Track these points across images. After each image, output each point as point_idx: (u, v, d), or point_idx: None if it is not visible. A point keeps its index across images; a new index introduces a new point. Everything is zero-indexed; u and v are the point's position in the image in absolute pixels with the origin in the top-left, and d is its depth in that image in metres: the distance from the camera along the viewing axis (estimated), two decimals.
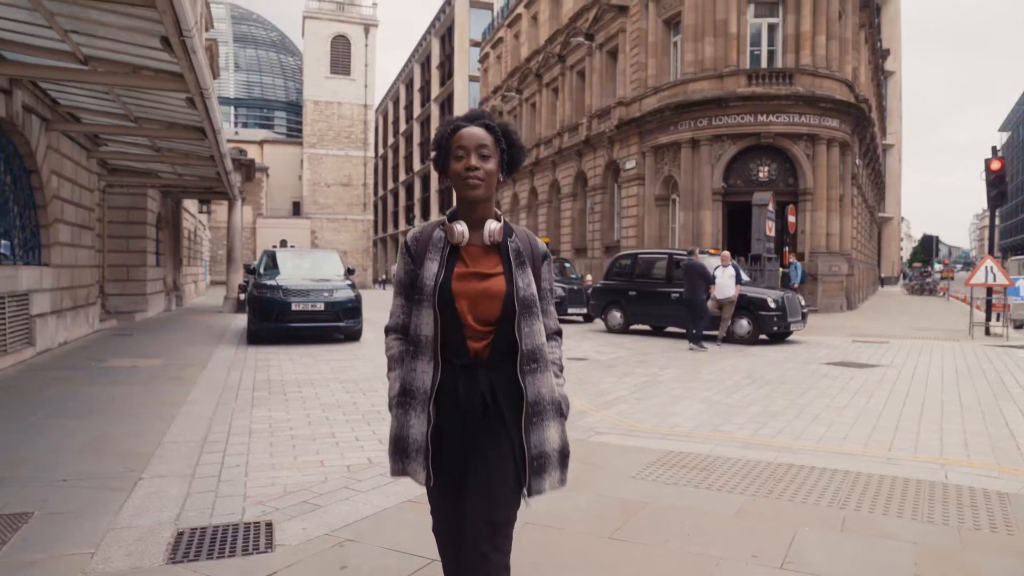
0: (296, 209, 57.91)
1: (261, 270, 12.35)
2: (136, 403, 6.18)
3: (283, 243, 53.62)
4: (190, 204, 25.26)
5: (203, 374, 7.93)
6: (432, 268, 1.84)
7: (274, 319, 10.93)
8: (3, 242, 8.19)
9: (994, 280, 13.05)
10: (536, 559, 2.88)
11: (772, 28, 20.50)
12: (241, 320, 16.01)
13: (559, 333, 2.01)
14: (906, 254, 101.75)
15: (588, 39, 26.03)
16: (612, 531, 3.21)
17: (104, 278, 14.37)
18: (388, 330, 2.01)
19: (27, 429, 5.11)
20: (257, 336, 11.12)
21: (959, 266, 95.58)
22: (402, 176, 66.92)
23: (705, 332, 11.49)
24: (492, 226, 1.87)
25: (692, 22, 20.56)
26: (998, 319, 14.51)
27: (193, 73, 6.57)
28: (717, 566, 2.81)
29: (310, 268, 12.98)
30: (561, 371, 1.97)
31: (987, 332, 13.80)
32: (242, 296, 19.52)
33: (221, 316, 17.64)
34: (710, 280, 11.38)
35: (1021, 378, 8.09)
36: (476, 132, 1.85)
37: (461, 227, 1.85)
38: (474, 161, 1.82)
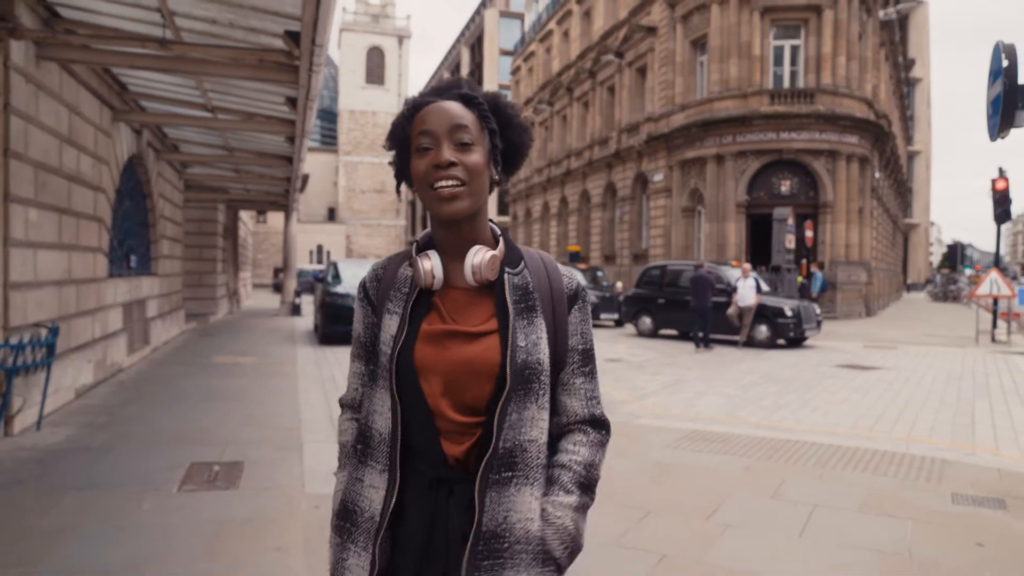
0: (331, 215, 59.93)
1: (329, 279, 13.85)
2: (260, 392, 7.64)
3: (319, 248, 55.62)
4: (243, 213, 26.97)
5: (298, 370, 9.38)
6: (391, 326, 1.22)
7: (344, 323, 12.40)
8: (132, 257, 9.75)
9: (998, 291, 14.11)
10: (601, 494, 4.24)
11: (794, 49, 21.63)
12: (301, 323, 17.59)
13: (597, 423, 1.29)
14: (936, 259, 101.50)
15: (618, 57, 27.33)
16: (652, 479, 4.55)
17: (182, 284, 16.00)
18: (343, 405, 1.38)
19: (191, 410, 6.58)
20: (328, 338, 12.62)
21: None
22: None
23: (726, 337, 12.74)
24: (478, 256, 1.19)
25: (718, 44, 21.76)
26: (1009, 327, 15.55)
27: (303, 122, 8.04)
28: (728, 496, 4.14)
29: None
30: (584, 489, 1.26)
31: (993, 339, 14.84)
32: (297, 300, 21.15)
33: (279, 319, 19.19)
34: (715, 290, 12.88)
35: (1005, 380, 9.24)
36: (448, 108, 1.18)
37: (430, 262, 1.21)
38: (447, 153, 1.15)
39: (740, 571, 3.10)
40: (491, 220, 1.29)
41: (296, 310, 20.84)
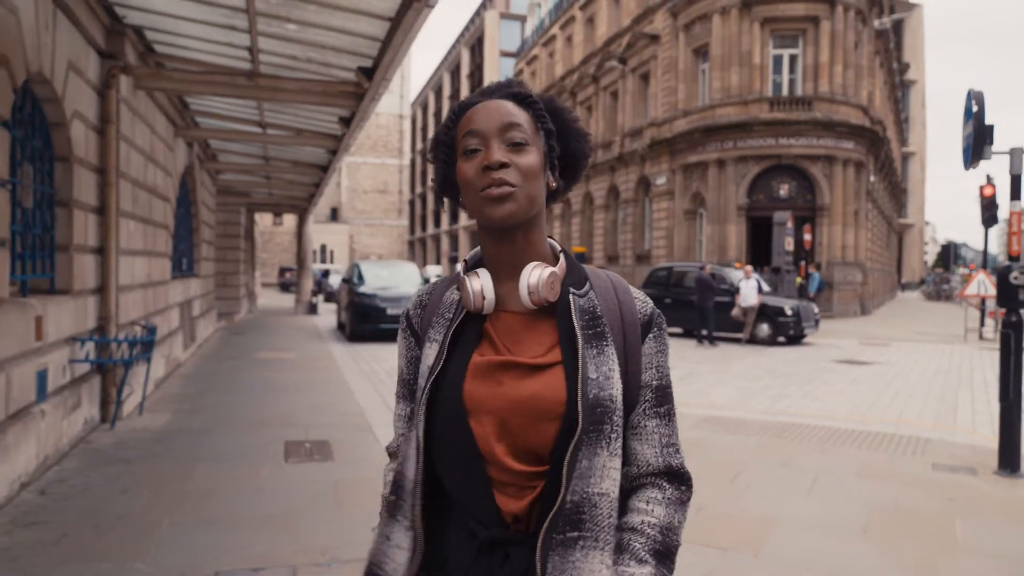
0: (334, 215, 60.61)
1: (354, 280, 14.65)
2: (314, 383, 8.42)
3: (323, 248, 56.33)
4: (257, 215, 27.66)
5: (338, 364, 10.17)
6: (429, 356, 1.07)
7: (372, 321, 13.21)
8: (184, 260, 10.53)
9: (985, 292, 14.97)
10: None
11: (793, 58, 22.48)
12: (321, 321, 18.38)
13: (676, 476, 1.07)
14: (931, 259, 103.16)
15: (621, 63, 28.14)
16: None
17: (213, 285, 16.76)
18: (390, 453, 1.22)
19: (262, 398, 7.37)
20: (357, 335, 13.42)
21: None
22: (430, 181, 69.19)
23: (729, 335, 13.61)
24: (535, 273, 1.03)
25: (719, 52, 22.59)
26: (996, 325, 16.43)
27: (349, 138, 8.83)
28: (746, 466, 4.96)
29: (390, 277, 15.27)
30: (661, 558, 1.01)
31: (980, 337, 15.70)
32: (314, 300, 21.90)
33: (298, 318, 19.95)
34: (717, 291, 13.91)
35: (988, 374, 10.08)
36: (499, 106, 1.06)
37: (480, 281, 1.06)
38: (497, 153, 1.02)
39: (761, 517, 3.92)
40: (551, 237, 1.13)
41: (313, 309, 21.59)
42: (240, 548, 3.39)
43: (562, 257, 1.10)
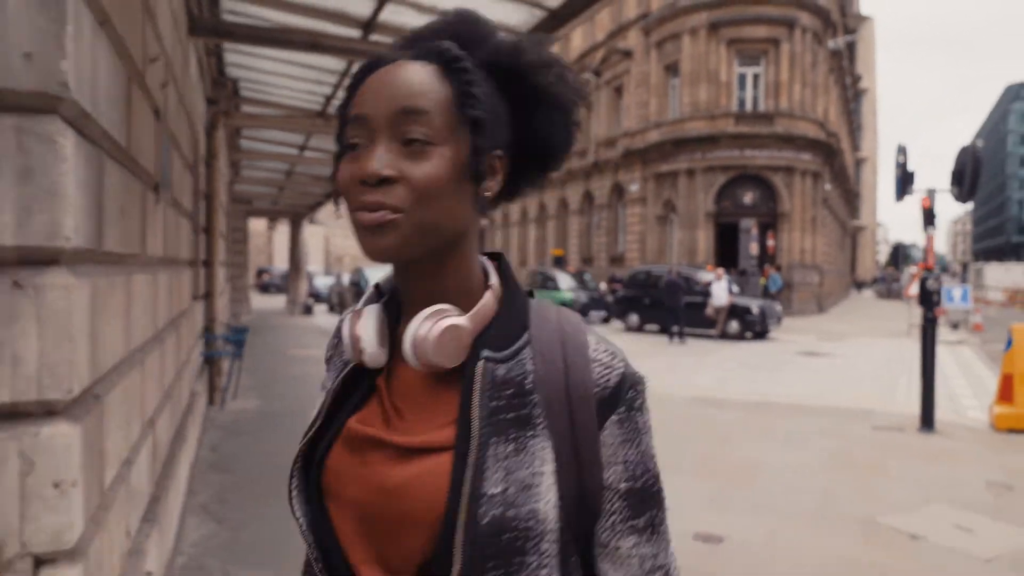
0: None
1: (362, 284, 15.90)
2: None
3: None
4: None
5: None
6: (316, 407, 0.81)
7: None
8: None
9: None
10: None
11: (756, 77, 24.34)
12: (322, 321, 19.51)
13: None
14: (883, 258, 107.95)
15: (596, 76, 29.73)
16: (679, 424, 6.84)
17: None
18: None
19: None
20: None
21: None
22: None
23: (703, 332, 15.23)
24: (424, 326, 0.70)
25: (689, 70, 24.33)
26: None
27: None
28: (732, 431, 6.46)
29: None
30: None
31: None
32: (309, 301, 22.98)
33: (297, 319, 20.99)
34: (685, 291, 15.48)
35: None
36: (400, 78, 0.69)
37: (361, 325, 0.75)
38: (376, 162, 0.66)
39: (750, 461, 5.41)
40: (489, 254, 0.79)
41: (308, 310, 22.65)
42: None
43: (488, 294, 0.74)
